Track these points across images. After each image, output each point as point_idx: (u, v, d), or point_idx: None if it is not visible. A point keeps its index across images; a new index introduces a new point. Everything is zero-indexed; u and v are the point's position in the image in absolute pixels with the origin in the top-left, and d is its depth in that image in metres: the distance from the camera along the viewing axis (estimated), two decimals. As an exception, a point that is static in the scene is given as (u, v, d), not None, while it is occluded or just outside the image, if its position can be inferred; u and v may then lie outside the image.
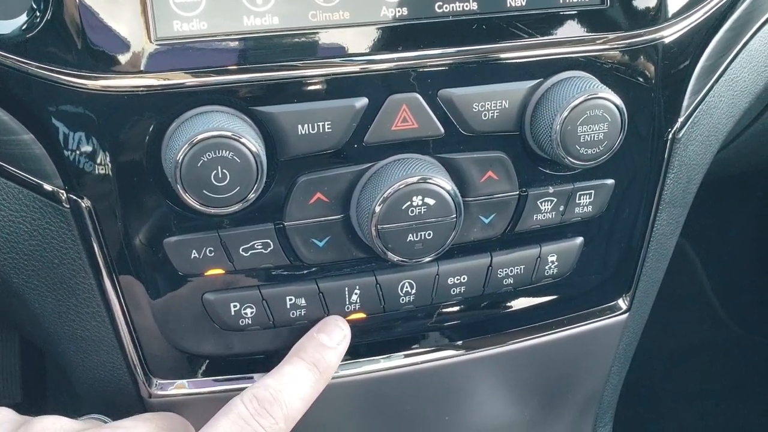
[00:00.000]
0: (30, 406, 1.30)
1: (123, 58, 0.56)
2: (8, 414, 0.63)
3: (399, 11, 0.60)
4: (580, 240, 0.73)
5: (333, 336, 0.66)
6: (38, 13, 0.56)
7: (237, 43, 0.58)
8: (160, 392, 0.70)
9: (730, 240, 1.75)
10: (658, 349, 1.67)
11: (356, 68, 0.60)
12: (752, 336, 1.72)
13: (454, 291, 0.70)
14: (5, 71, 0.56)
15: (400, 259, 0.64)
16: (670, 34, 0.68)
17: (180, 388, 0.70)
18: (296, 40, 0.59)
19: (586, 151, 0.63)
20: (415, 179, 0.61)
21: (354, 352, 0.73)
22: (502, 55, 0.63)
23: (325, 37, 0.59)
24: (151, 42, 0.56)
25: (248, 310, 0.66)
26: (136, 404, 0.71)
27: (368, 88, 0.61)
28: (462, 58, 0.62)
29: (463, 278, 0.70)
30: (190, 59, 0.57)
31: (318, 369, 0.64)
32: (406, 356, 0.75)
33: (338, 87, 0.60)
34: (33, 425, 0.60)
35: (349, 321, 0.70)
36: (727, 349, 1.74)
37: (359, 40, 0.60)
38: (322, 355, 0.64)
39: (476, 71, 0.63)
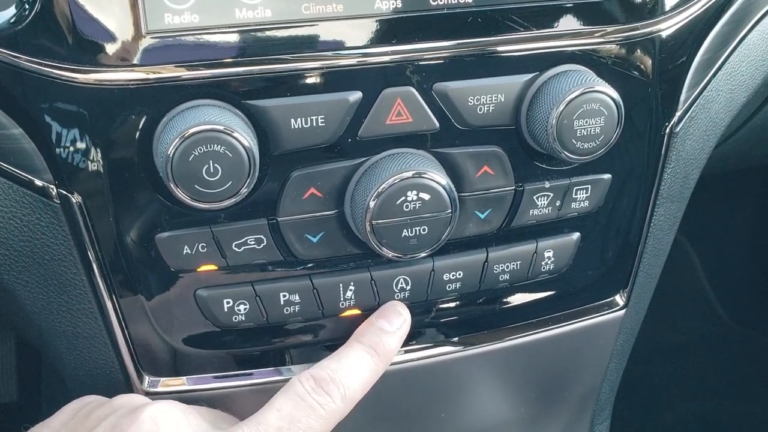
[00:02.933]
0: (25, 405, 1.29)
1: (113, 52, 0.56)
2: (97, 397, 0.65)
3: (393, 4, 0.59)
4: (576, 235, 0.73)
5: (392, 321, 0.67)
6: (27, 6, 0.55)
7: (229, 36, 0.57)
8: (152, 389, 0.69)
9: (728, 236, 1.75)
10: (656, 345, 1.67)
11: (350, 61, 0.59)
12: (749, 332, 1.72)
13: (449, 287, 0.70)
14: (-6, 64, 0.56)
15: (395, 254, 0.63)
16: (667, 27, 0.67)
17: (170, 385, 0.70)
18: (289, 33, 0.58)
19: (582, 146, 0.63)
20: (409, 174, 0.61)
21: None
22: (498, 49, 0.62)
23: (319, 30, 0.58)
24: (142, 35, 0.56)
25: (241, 307, 0.66)
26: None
27: (362, 82, 0.60)
28: (457, 52, 0.61)
29: (459, 274, 0.69)
30: (182, 52, 0.56)
31: (377, 353, 0.65)
32: (405, 352, 0.75)
33: (332, 80, 0.60)
34: (115, 401, 0.62)
35: (344, 317, 0.70)
36: (724, 344, 1.74)
37: (353, 33, 0.59)
38: (380, 339, 0.65)
39: (471, 65, 0.62)
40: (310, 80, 0.59)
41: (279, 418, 0.58)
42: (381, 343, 0.65)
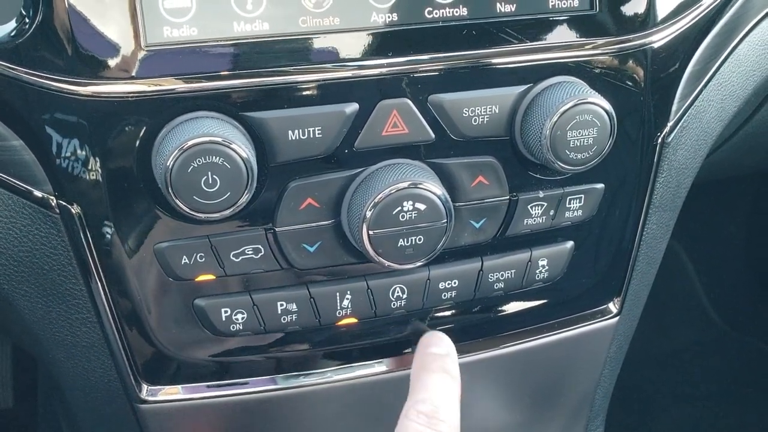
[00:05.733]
0: (21, 412, 1.29)
1: (113, 64, 0.56)
2: None
3: (389, 17, 0.60)
4: (570, 244, 0.73)
5: (441, 345, 0.68)
6: (27, 20, 0.56)
7: (227, 48, 0.58)
8: (150, 398, 0.70)
9: (722, 242, 1.76)
10: (651, 351, 1.67)
11: (346, 74, 0.60)
12: (743, 337, 1.72)
13: (445, 295, 0.70)
14: (-5, 77, 0.56)
15: (391, 264, 0.64)
16: (659, 39, 0.68)
17: (168, 393, 0.70)
18: (286, 45, 0.59)
19: (575, 156, 0.64)
20: (405, 184, 0.61)
21: (347, 357, 0.74)
22: (492, 61, 0.63)
23: (316, 43, 0.59)
24: (141, 48, 0.56)
25: (239, 316, 0.66)
26: (126, 411, 0.71)
27: (358, 94, 0.61)
28: (452, 64, 0.62)
29: (454, 283, 0.70)
30: (181, 65, 0.57)
31: (450, 375, 0.66)
32: (402, 360, 0.75)
33: (328, 92, 0.60)
34: None
35: (341, 326, 0.70)
36: (718, 350, 1.75)
37: (349, 46, 0.60)
38: (445, 363, 0.67)
39: (466, 76, 0.63)
40: (307, 92, 0.60)
41: None
42: (447, 366, 0.67)
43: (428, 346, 0.69)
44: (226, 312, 0.66)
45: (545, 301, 0.77)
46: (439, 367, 0.66)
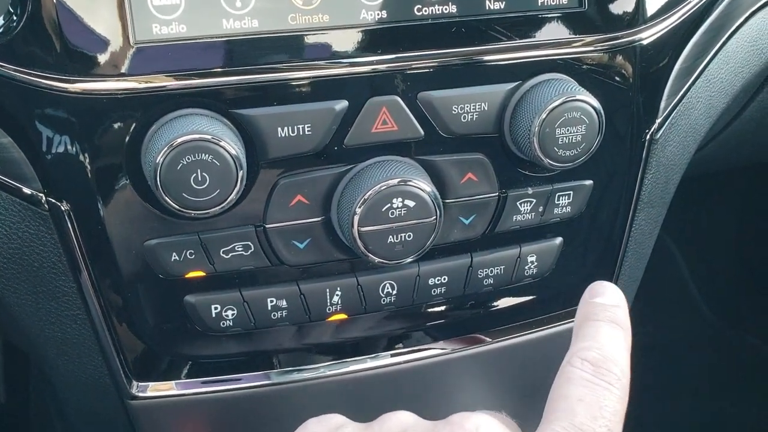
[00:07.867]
0: (13, 407, 1.29)
1: (102, 62, 0.56)
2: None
3: (378, 14, 0.60)
4: (559, 240, 0.74)
5: (610, 295, 0.62)
6: (15, 17, 0.55)
7: (216, 46, 0.58)
8: (141, 394, 0.70)
9: (712, 235, 1.77)
10: (641, 345, 1.68)
11: (336, 71, 0.60)
12: (735, 331, 1.73)
13: (434, 291, 0.71)
14: (-18, 75, 0.56)
15: (381, 260, 0.64)
16: (647, 36, 0.68)
17: (158, 390, 0.70)
18: (276, 43, 0.59)
19: (564, 153, 0.64)
20: (395, 181, 0.62)
21: (340, 352, 0.74)
22: (482, 58, 0.63)
23: (305, 40, 0.59)
24: (130, 45, 0.56)
25: (229, 312, 0.66)
26: (118, 407, 0.71)
27: (348, 91, 0.61)
28: (441, 61, 0.62)
29: (444, 279, 0.70)
30: (170, 62, 0.57)
31: (620, 326, 0.60)
32: (391, 356, 0.76)
33: (318, 90, 0.60)
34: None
35: (331, 322, 0.71)
36: (709, 344, 1.76)
37: (339, 43, 0.60)
38: (614, 313, 0.60)
39: (455, 74, 0.63)
40: (296, 89, 0.60)
41: (588, 408, 0.54)
42: (617, 317, 0.60)
43: (594, 295, 0.61)
44: (216, 309, 0.66)
45: (534, 296, 0.77)
46: (607, 317, 0.59)
